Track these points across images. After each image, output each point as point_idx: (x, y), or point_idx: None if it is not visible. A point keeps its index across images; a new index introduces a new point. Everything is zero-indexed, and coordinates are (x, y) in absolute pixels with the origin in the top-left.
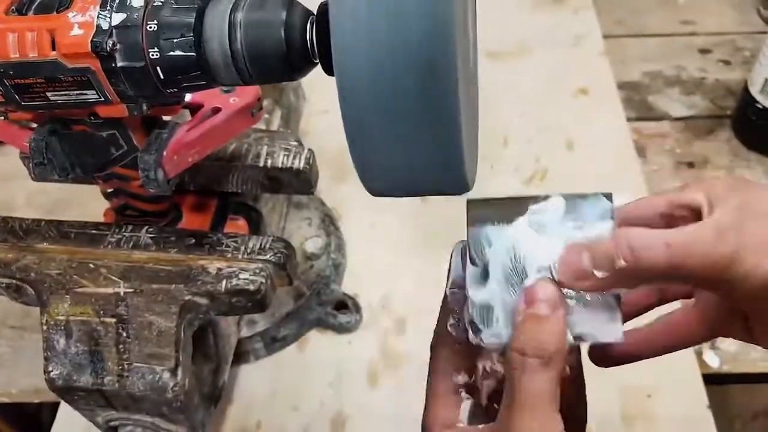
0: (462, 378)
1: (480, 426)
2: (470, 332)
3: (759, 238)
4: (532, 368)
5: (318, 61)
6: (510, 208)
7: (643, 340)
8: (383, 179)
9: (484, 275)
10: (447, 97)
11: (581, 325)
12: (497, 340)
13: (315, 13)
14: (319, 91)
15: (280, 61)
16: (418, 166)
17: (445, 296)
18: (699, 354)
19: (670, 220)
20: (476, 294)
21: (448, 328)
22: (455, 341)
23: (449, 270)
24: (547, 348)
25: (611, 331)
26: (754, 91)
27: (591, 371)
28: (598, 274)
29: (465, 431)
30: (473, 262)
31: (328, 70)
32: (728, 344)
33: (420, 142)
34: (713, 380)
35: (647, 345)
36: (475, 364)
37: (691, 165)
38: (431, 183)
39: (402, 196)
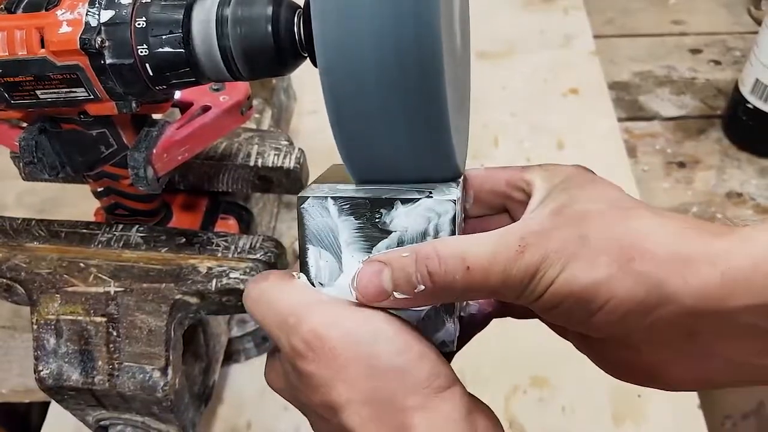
0: None
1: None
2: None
3: (563, 247)
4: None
5: (306, 54)
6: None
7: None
8: (371, 168)
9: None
10: (432, 84)
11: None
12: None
13: (301, 6)
14: (309, 91)
15: (268, 55)
16: (406, 155)
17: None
18: None
19: (507, 200)
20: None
21: None
22: None
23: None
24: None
25: (445, 332)
26: (745, 91)
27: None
28: (398, 295)
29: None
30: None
31: (316, 64)
32: None
33: (406, 131)
34: None
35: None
36: None
37: (681, 165)
38: (421, 171)
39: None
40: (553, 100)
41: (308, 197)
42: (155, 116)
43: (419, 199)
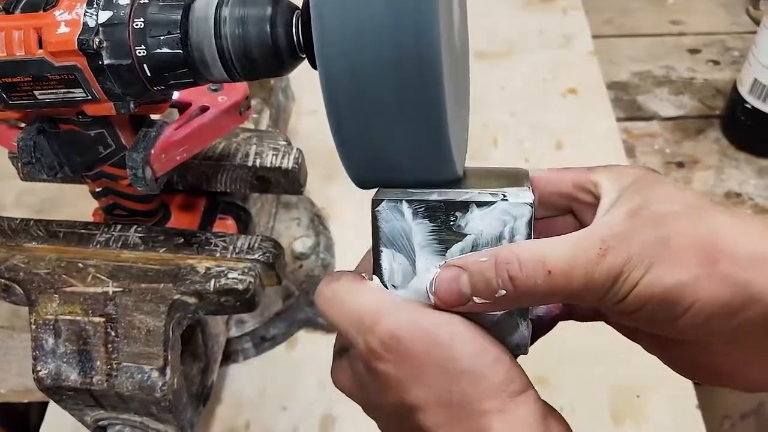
0: None
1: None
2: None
3: (645, 250)
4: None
5: (304, 55)
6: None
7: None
8: (369, 169)
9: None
10: (431, 86)
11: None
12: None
13: (300, 7)
14: (308, 91)
15: (267, 56)
16: (404, 156)
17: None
18: None
19: (573, 201)
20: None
21: None
22: None
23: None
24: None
25: (518, 335)
26: (743, 91)
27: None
28: (477, 300)
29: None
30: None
31: (314, 64)
32: None
33: (405, 133)
34: None
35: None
36: None
37: (680, 165)
38: (419, 172)
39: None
40: (552, 100)
41: (383, 200)
42: (153, 117)
43: (494, 202)
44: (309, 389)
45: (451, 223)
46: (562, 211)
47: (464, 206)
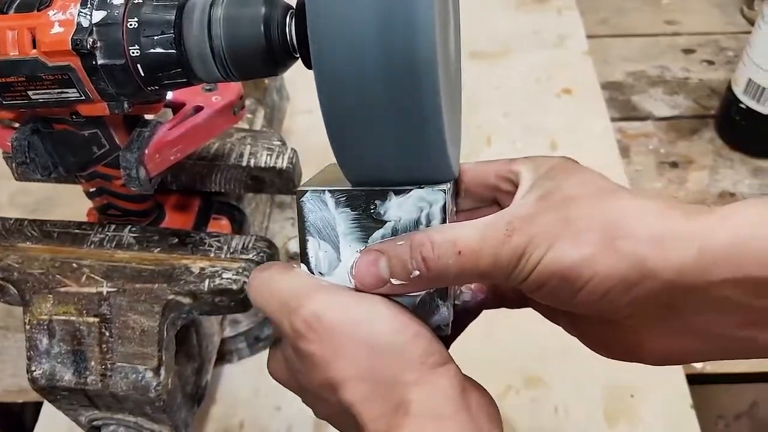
0: None
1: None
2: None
3: (548, 229)
4: None
5: (298, 55)
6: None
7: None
8: (365, 170)
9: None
10: (426, 86)
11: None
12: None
13: (294, 7)
14: (302, 91)
15: (261, 56)
16: (400, 157)
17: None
18: None
19: (496, 191)
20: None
21: None
22: None
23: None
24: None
25: (439, 316)
26: (738, 91)
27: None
28: (395, 281)
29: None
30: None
31: (309, 64)
32: None
33: (400, 134)
34: (697, 380)
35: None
36: None
37: (674, 165)
38: (414, 173)
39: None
40: (547, 100)
41: (307, 191)
42: (147, 117)
43: (411, 189)
44: None
45: (372, 211)
46: (487, 201)
47: (383, 194)
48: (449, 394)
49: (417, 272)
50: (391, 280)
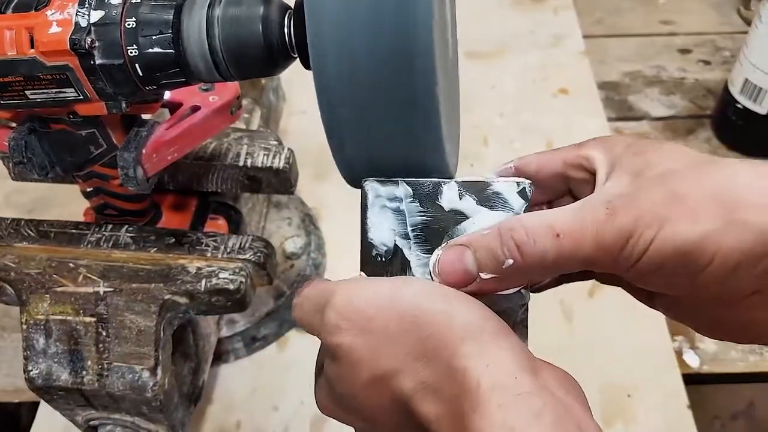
0: None
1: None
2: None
3: (655, 206)
4: None
5: (296, 55)
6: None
7: None
8: (362, 168)
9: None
10: (425, 85)
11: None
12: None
13: (292, 7)
14: (299, 91)
15: (259, 56)
16: (398, 156)
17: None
18: (679, 354)
19: (569, 181)
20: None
21: None
22: None
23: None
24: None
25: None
26: (734, 91)
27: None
28: (484, 276)
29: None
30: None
31: (306, 64)
32: (708, 344)
33: (399, 132)
34: (693, 380)
35: None
36: None
37: None
38: (412, 171)
39: None
40: (543, 100)
41: (372, 179)
42: (145, 116)
43: (489, 182)
44: (300, 389)
45: (443, 203)
46: (558, 193)
47: (459, 186)
48: (520, 367)
49: (510, 261)
50: (480, 274)
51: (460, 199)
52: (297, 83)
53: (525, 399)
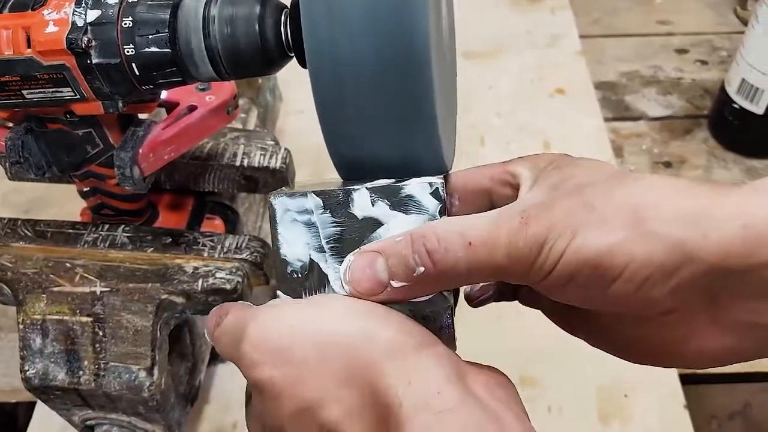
0: None
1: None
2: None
3: (569, 216)
4: None
5: (292, 54)
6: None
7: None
8: (359, 167)
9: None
10: (421, 84)
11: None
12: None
13: (288, 6)
14: (295, 91)
15: (255, 55)
16: (394, 155)
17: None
18: None
19: (494, 196)
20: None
21: None
22: None
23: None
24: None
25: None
26: (731, 91)
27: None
28: (395, 284)
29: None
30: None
31: (303, 63)
32: None
33: (395, 131)
34: (690, 380)
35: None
36: None
37: (668, 165)
38: (408, 170)
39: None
40: (540, 100)
41: (280, 194)
42: (141, 116)
43: (401, 184)
44: None
45: (355, 211)
46: (483, 208)
47: (369, 191)
48: (445, 379)
49: (421, 269)
50: (392, 282)
51: (373, 205)
52: (294, 83)
53: (446, 416)
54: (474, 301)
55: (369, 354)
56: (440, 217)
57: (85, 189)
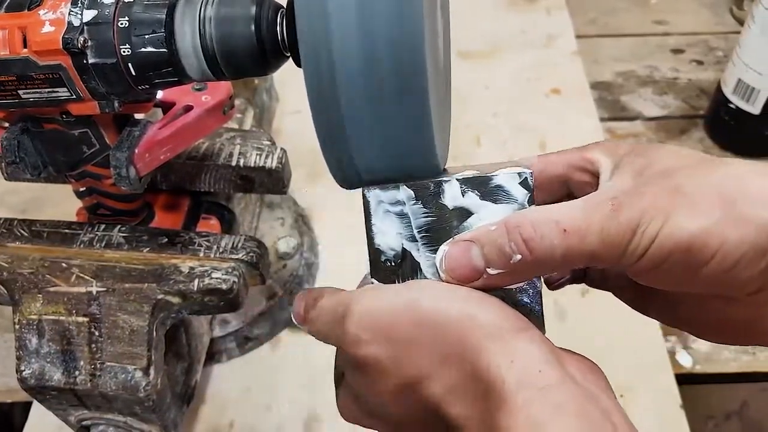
0: None
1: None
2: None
3: (660, 201)
4: None
5: (288, 54)
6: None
7: None
8: (353, 168)
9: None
10: (416, 84)
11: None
12: None
13: (284, 6)
14: (291, 92)
15: (251, 55)
16: (389, 155)
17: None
18: (672, 354)
19: (571, 183)
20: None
21: None
22: None
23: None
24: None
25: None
26: (727, 91)
27: None
28: (492, 271)
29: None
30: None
31: (299, 63)
32: (701, 344)
33: (390, 132)
34: (686, 380)
35: None
36: None
37: None
38: (402, 170)
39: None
40: (536, 100)
41: (373, 187)
42: (137, 116)
43: (491, 175)
44: (293, 389)
45: (446, 201)
46: (560, 196)
47: (459, 183)
48: (544, 360)
49: (518, 257)
50: (488, 269)
51: (463, 195)
52: (291, 83)
53: (549, 391)
54: (553, 284)
55: (470, 334)
56: (529, 205)
57: (81, 189)
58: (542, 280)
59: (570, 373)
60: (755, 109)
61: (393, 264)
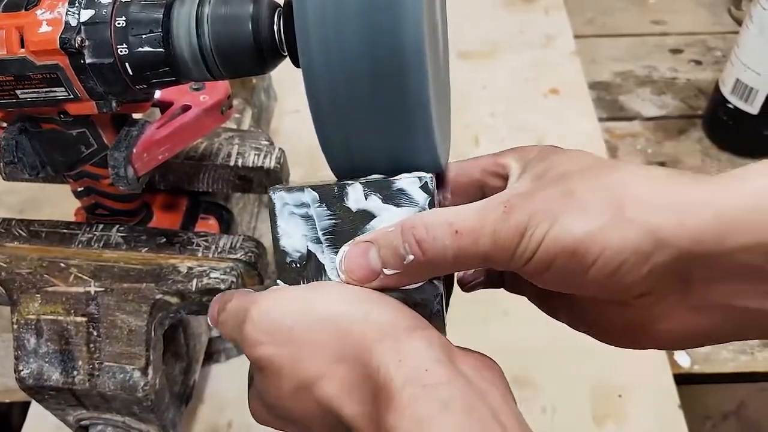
0: None
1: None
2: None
3: (549, 204)
4: None
5: (286, 53)
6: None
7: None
8: (353, 166)
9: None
10: (416, 82)
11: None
12: None
13: (281, 5)
14: (290, 91)
15: (249, 54)
16: (389, 154)
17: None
18: (670, 354)
19: (485, 187)
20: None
21: None
22: None
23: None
24: None
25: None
26: (726, 91)
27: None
28: (388, 272)
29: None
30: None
31: (296, 62)
32: None
33: (390, 131)
34: (684, 380)
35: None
36: None
37: (662, 165)
38: (404, 170)
39: None
40: (534, 100)
41: (279, 188)
42: (135, 116)
43: (393, 180)
44: None
45: (349, 204)
46: (475, 199)
47: (361, 186)
48: (434, 359)
49: (411, 257)
50: (384, 270)
51: (366, 199)
52: (288, 84)
53: (435, 389)
54: (466, 286)
55: (364, 334)
56: (429, 209)
57: (79, 189)
58: (447, 283)
59: (462, 372)
60: (753, 109)
61: (298, 265)
